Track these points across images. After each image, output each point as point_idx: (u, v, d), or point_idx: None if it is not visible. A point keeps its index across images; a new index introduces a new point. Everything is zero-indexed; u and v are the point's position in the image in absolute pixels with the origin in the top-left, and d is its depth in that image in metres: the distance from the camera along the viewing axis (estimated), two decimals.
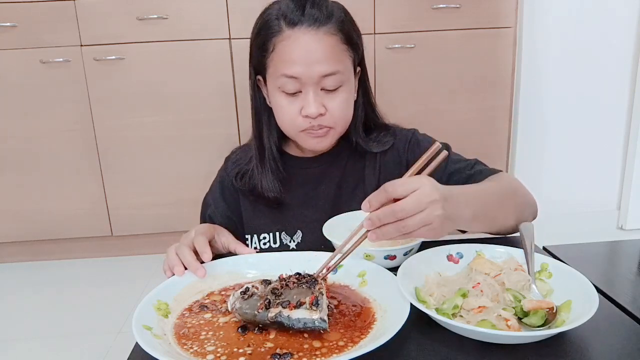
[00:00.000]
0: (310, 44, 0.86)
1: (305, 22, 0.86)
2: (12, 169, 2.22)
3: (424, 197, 0.63)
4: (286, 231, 1.01)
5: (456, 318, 0.66)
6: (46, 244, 2.36)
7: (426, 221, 0.64)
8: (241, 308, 0.65)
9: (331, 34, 0.87)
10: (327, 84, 0.89)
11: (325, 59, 0.87)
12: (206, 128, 2.21)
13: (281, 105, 0.91)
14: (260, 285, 0.69)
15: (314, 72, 0.86)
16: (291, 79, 0.87)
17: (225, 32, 2.11)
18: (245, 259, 0.83)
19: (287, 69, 0.87)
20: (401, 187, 0.64)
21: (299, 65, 0.86)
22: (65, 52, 2.09)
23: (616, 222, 2.54)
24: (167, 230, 2.33)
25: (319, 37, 0.86)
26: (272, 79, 0.91)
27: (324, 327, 0.62)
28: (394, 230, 0.64)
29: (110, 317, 1.89)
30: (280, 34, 0.87)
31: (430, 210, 0.64)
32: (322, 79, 0.88)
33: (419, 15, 2.13)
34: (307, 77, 0.87)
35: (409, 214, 0.63)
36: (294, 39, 0.86)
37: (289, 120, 0.92)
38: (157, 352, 0.56)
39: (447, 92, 2.23)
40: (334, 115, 0.91)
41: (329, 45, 0.87)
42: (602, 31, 2.31)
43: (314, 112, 0.88)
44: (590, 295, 0.64)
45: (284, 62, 0.87)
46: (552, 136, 2.43)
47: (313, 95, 0.88)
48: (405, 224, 0.63)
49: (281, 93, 0.90)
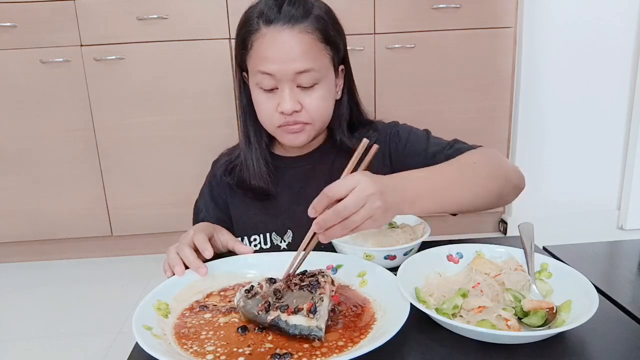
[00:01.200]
0: (285, 42, 0.87)
1: (281, 19, 0.87)
2: (12, 169, 2.22)
3: (362, 193, 0.66)
4: (276, 232, 1.02)
5: (456, 318, 0.66)
6: (46, 244, 2.36)
7: (368, 215, 0.67)
8: (244, 307, 0.66)
9: (307, 32, 0.88)
10: (302, 81, 0.89)
11: (299, 56, 0.87)
12: (206, 128, 2.21)
13: (259, 101, 0.93)
14: (265, 284, 0.69)
15: (288, 69, 0.88)
16: (267, 76, 0.89)
17: (225, 32, 2.11)
18: (245, 259, 0.83)
19: (262, 65, 0.88)
20: (340, 187, 0.67)
21: (273, 63, 0.87)
22: (65, 52, 2.09)
23: (616, 222, 2.54)
24: (167, 230, 2.33)
25: (294, 34, 0.87)
26: (251, 75, 0.93)
27: (319, 336, 0.61)
28: (340, 229, 0.67)
29: (110, 317, 1.89)
30: (258, 32, 0.89)
31: (370, 204, 0.66)
32: (297, 75, 0.88)
33: (419, 15, 2.13)
34: (281, 74, 0.88)
35: (352, 212, 0.66)
36: (269, 36, 0.88)
37: (266, 116, 0.94)
38: (157, 352, 0.56)
39: (447, 92, 2.24)
40: (309, 112, 0.92)
41: (304, 43, 0.88)
42: (602, 31, 2.31)
43: (288, 108, 0.89)
44: (590, 295, 0.64)
45: (259, 59, 0.89)
46: (552, 136, 2.43)
47: (288, 92, 0.89)
48: (350, 221, 0.66)
49: (259, 89, 0.92)
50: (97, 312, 1.97)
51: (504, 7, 2.16)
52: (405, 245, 0.81)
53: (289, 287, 0.68)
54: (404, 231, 0.88)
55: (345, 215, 0.66)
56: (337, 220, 0.66)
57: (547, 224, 2.05)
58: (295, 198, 1.02)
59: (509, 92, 2.26)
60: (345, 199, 0.66)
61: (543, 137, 2.43)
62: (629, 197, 2.46)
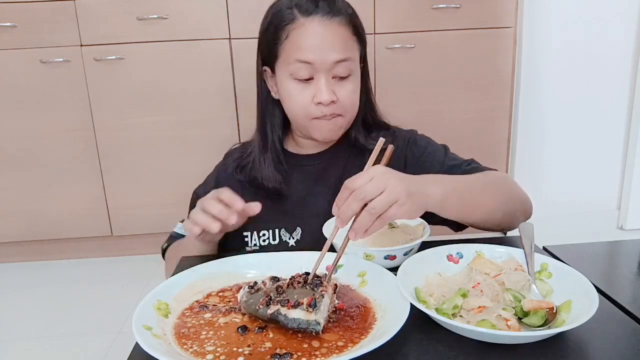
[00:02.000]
0: (324, 32, 0.89)
1: (320, 12, 0.89)
2: (12, 169, 2.22)
3: (380, 177, 0.67)
4: (286, 228, 1.01)
5: (456, 318, 0.66)
6: (46, 244, 2.36)
7: (391, 198, 0.66)
8: (247, 301, 0.67)
9: (343, 25, 0.91)
10: (338, 71, 0.91)
11: (338, 46, 0.90)
12: (206, 128, 2.21)
13: (292, 93, 0.93)
14: (269, 282, 0.70)
15: (327, 58, 0.89)
16: (305, 65, 0.89)
17: (225, 32, 2.11)
18: (245, 259, 0.83)
19: (301, 54, 0.89)
20: (359, 178, 0.68)
21: (313, 52, 0.89)
22: (65, 52, 2.09)
23: (616, 222, 2.54)
24: (167, 230, 2.33)
25: (332, 26, 0.90)
26: (284, 66, 0.92)
27: (317, 330, 0.62)
28: (367, 216, 0.67)
29: (110, 317, 1.89)
30: (295, 22, 0.90)
31: (391, 187, 0.67)
32: (334, 65, 0.90)
33: (419, 15, 2.13)
34: (320, 62, 0.89)
35: (371, 195, 0.66)
36: (308, 26, 0.89)
37: (300, 107, 0.93)
38: (157, 352, 0.56)
39: (447, 92, 2.23)
40: (344, 104, 0.93)
41: (341, 35, 0.91)
42: (602, 31, 2.31)
43: (326, 98, 0.90)
44: (590, 295, 0.64)
45: (298, 48, 0.89)
46: (552, 136, 2.43)
47: (325, 82, 0.90)
48: (373, 205, 0.66)
49: (293, 80, 0.92)
50: (97, 312, 1.97)
51: (504, 7, 2.16)
52: (405, 245, 0.81)
53: (292, 285, 0.68)
54: (404, 231, 0.88)
55: (363, 198, 0.66)
56: (358, 204, 0.66)
57: (547, 224, 2.05)
58: (306, 196, 1.02)
59: (509, 92, 2.26)
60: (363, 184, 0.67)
61: (543, 137, 2.43)
62: (629, 197, 2.46)
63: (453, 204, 0.78)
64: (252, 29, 2.09)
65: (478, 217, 0.85)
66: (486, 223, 0.88)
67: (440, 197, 0.74)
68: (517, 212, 0.91)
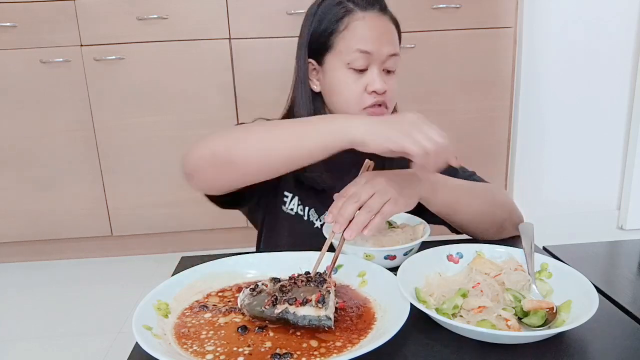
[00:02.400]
0: (382, 26, 0.95)
1: (376, 7, 0.95)
2: (12, 169, 2.22)
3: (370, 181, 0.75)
4: (315, 209, 1.02)
5: (456, 318, 0.66)
6: (46, 244, 2.36)
7: (384, 198, 0.73)
8: (250, 304, 0.66)
9: (392, 23, 0.97)
10: (389, 65, 0.95)
11: (392, 40, 0.95)
12: (206, 128, 2.20)
13: (347, 82, 0.95)
14: (269, 283, 0.70)
15: (384, 50, 0.93)
16: (363, 55, 0.92)
17: (225, 32, 2.11)
18: (245, 258, 0.83)
19: (363, 44, 0.92)
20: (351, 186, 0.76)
21: (372, 42, 0.92)
22: (65, 52, 2.09)
23: (616, 222, 2.54)
24: (167, 230, 2.33)
25: (387, 22, 0.96)
26: (341, 55, 0.95)
27: (329, 324, 0.62)
28: (364, 214, 0.72)
29: (110, 317, 1.89)
30: (354, 14, 0.94)
31: (382, 188, 0.74)
32: (388, 58, 0.94)
33: (419, 15, 2.13)
34: (378, 53, 0.93)
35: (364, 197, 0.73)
36: (368, 19, 0.93)
37: (354, 96, 0.95)
38: (157, 352, 0.56)
39: (447, 92, 2.23)
40: (389, 95, 0.96)
41: (393, 30, 0.97)
42: (602, 31, 2.32)
43: (380, 87, 0.93)
44: (590, 295, 0.64)
45: (359, 38, 0.93)
46: (552, 136, 2.43)
47: (378, 73, 0.94)
48: (368, 205, 0.72)
49: (348, 70, 0.94)
50: (97, 312, 1.97)
51: (504, 7, 2.16)
52: (405, 245, 0.81)
53: (295, 284, 0.68)
54: (404, 231, 0.88)
55: (359, 199, 0.72)
56: (353, 206, 0.72)
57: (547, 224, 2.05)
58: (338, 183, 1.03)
59: (509, 92, 2.26)
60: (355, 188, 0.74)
61: (543, 137, 2.43)
62: (629, 197, 2.46)
63: (442, 193, 0.84)
64: (252, 29, 2.11)
65: (464, 216, 0.89)
66: (471, 224, 0.91)
67: (430, 185, 0.82)
68: (505, 221, 0.93)
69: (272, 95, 2.16)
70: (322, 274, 0.71)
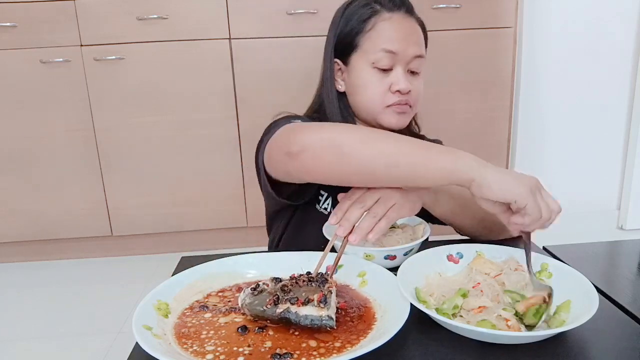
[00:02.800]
0: (408, 27, 0.97)
1: (402, 9, 0.97)
2: (12, 169, 2.22)
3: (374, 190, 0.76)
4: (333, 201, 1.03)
5: (456, 318, 0.66)
6: (46, 244, 2.36)
7: (389, 203, 0.75)
8: (251, 303, 0.66)
9: (419, 25, 1.00)
10: (414, 66, 0.97)
11: (418, 42, 0.97)
12: (206, 128, 2.21)
13: (371, 80, 0.97)
14: (270, 282, 0.70)
15: (410, 50, 0.95)
16: (389, 55, 0.94)
17: (225, 32, 2.11)
18: (245, 259, 0.83)
19: (388, 44, 0.94)
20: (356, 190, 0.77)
21: (398, 42, 0.95)
22: (65, 52, 2.09)
23: (616, 222, 2.54)
24: (167, 230, 2.33)
25: (413, 23, 0.98)
26: (366, 55, 0.97)
27: (331, 324, 0.62)
28: (369, 219, 0.74)
29: (110, 317, 1.89)
30: (380, 15, 0.96)
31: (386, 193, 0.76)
32: (413, 59, 0.96)
33: (419, 15, 2.12)
34: (404, 54, 0.95)
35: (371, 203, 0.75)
36: (395, 20, 0.96)
37: (378, 95, 0.97)
38: (157, 352, 0.56)
39: (447, 92, 2.23)
40: (414, 96, 0.98)
41: (419, 32, 0.99)
42: (602, 31, 2.32)
43: (404, 87, 0.95)
44: (590, 295, 0.64)
45: (385, 38, 0.95)
46: (552, 136, 2.43)
47: (403, 72, 0.96)
48: (374, 210, 0.74)
49: (373, 69, 0.96)
50: (97, 312, 1.97)
51: (504, 7, 2.15)
52: (405, 245, 0.81)
53: (296, 284, 0.68)
54: (404, 231, 0.88)
55: (364, 205, 0.74)
56: (359, 211, 0.73)
57: None
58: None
59: (509, 92, 2.26)
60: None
61: (543, 137, 2.43)
62: (629, 197, 2.46)
63: (445, 199, 0.85)
64: (252, 29, 2.11)
65: (467, 221, 0.90)
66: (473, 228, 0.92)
67: (433, 191, 0.83)
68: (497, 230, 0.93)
69: (272, 95, 2.17)
70: (324, 274, 0.71)
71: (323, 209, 1.04)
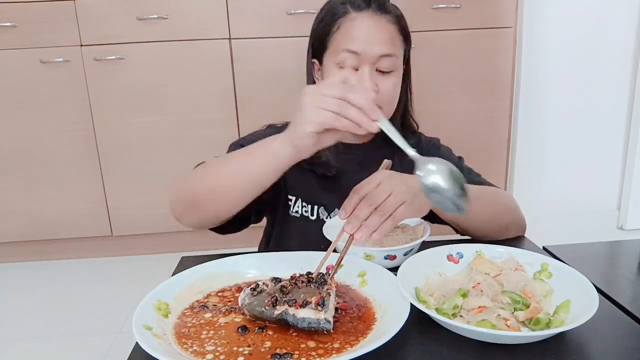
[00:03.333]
0: (375, 26, 0.94)
1: (372, 8, 0.94)
2: (12, 169, 2.21)
3: (387, 181, 0.75)
4: (325, 207, 1.03)
5: (456, 318, 0.66)
6: (46, 244, 2.36)
7: (399, 199, 0.74)
8: (250, 304, 0.66)
9: (391, 23, 0.96)
10: (382, 65, 0.94)
11: (384, 41, 0.94)
12: (206, 128, 2.21)
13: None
14: (270, 283, 0.70)
15: (374, 50, 0.92)
16: (351, 55, 0.92)
17: (225, 32, 2.11)
18: (245, 259, 0.83)
19: (350, 44, 0.93)
20: (367, 184, 0.76)
21: (361, 42, 0.92)
22: (65, 52, 2.09)
23: (616, 222, 2.54)
24: (167, 230, 2.33)
25: (382, 22, 0.95)
26: (332, 55, 0.96)
27: (328, 328, 0.62)
28: (376, 217, 0.72)
29: (110, 317, 1.89)
30: (347, 15, 0.94)
31: (398, 189, 0.74)
32: (379, 59, 0.93)
33: (419, 15, 2.13)
34: (367, 53, 0.92)
35: (380, 199, 0.73)
36: (359, 19, 0.94)
37: None
38: (157, 352, 0.56)
39: (447, 92, 2.23)
40: (384, 96, 0.95)
41: (389, 31, 0.95)
42: (602, 31, 2.31)
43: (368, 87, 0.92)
44: (590, 295, 0.64)
45: (347, 37, 0.93)
46: (552, 136, 2.43)
47: (368, 73, 0.93)
48: (383, 207, 0.73)
49: (339, 70, 0.95)
50: (97, 312, 1.97)
51: (504, 7, 2.15)
52: (405, 245, 0.81)
53: (295, 285, 0.68)
54: (404, 231, 0.88)
55: (376, 201, 0.72)
56: (369, 209, 0.72)
57: (547, 224, 2.06)
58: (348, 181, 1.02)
59: (509, 92, 2.26)
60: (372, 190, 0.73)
61: (543, 137, 2.43)
62: (629, 197, 2.46)
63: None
64: (252, 29, 2.11)
65: (473, 223, 0.90)
66: (478, 230, 0.92)
67: None
68: (510, 225, 0.94)
69: (272, 95, 2.17)
70: (324, 275, 0.70)
71: (295, 213, 1.03)
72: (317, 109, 0.64)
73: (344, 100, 0.64)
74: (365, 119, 0.64)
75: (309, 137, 0.66)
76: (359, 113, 0.64)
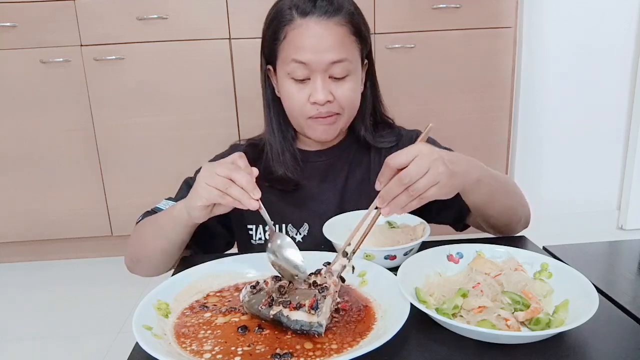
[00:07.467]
0: (321, 32, 0.89)
1: (317, 12, 0.89)
2: (12, 169, 2.22)
3: (425, 159, 0.68)
4: (293, 223, 1.01)
5: (456, 318, 0.66)
6: (46, 244, 2.36)
7: (433, 180, 0.68)
8: (249, 302, 0.67)
9: (341, 25, 0.90)
10: (335, 72, 0.90)
11: (334, 47, 0.89)
12: (206, 128, 2.21)
13: (290, 92, 0.93)
14: (271, 281, 0.70)
15: (323, 58, 0.89)
16: (301, 65, 0.89)
17: (225, 32, 2.11)
18: (245, 259, 0.83)
19: (297, 54, 0.89)
20: (402, 156, 0.69)
21: (308, 52, 0.89)
22: (65, 52, 2.09)
23: (616, 222, 2.54)
24: None
25: (329, 26, 0.89)
26: (282, 65, 0.93)
27: (319, 332, 0.62)
28: (406, 197, 0.69)
29: (110, 317, 1.89)
30: (293, 23, 0.90)
31: (434, 169, 0.68)
32: (330, 66, 0.90)
33: (419, 15, 2.13)
34: (316, 63, 0.89)
35: (415, 178, 0.68)
36: (305, 27, 0.89)
37: (297, 107, 0.93)
38: (157, 352, 0.56)
39: (447, 92, 2.23)
40: (341, 102, 0.93)
41: (338, 35, 0.90)
42: (602, 31, 2.31)
43: (321, 98, 0.90)
44: (590, 295, 0.64)
45: (295, 48, 0.90)
46: (552, 136, 2.43)
47: (321, 82, 0.90)
48: (415, 188, 0.68)
49: (290, 80, 0.92)
50: (97, 312, 1.97)
51: (504, 7, 2.15)
52: (405, 245, 0.81)
53: (294, 285, 0.68)
54: (404, 231, 0.88)
55: (408, 182, 0.68)
56: (401, 189, 0.68)
57: (547, 224, 2.06)
58: (314, 192, 1.02)
59: (509, 92, 2.26)
60: (408, 167, 0.68)
61: (543, 137, 2.43)
62: (629, 197, 2.46)
63: (485, 187, 0.80)
64: (252, 29, 2.11)
65: (497, 209, 0.87)
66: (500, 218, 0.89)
67: (477, 177, 0.77)
68: (522, 219, 0.93)
69: None
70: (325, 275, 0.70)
71: (259, 240, 1.01)
72: (207, 186, 0.75)
73: (230, 179, 0.73)
74: (246, 198, 0.73)
75: (199, 209, 0.77)
76: (241, 192, 0.73)
